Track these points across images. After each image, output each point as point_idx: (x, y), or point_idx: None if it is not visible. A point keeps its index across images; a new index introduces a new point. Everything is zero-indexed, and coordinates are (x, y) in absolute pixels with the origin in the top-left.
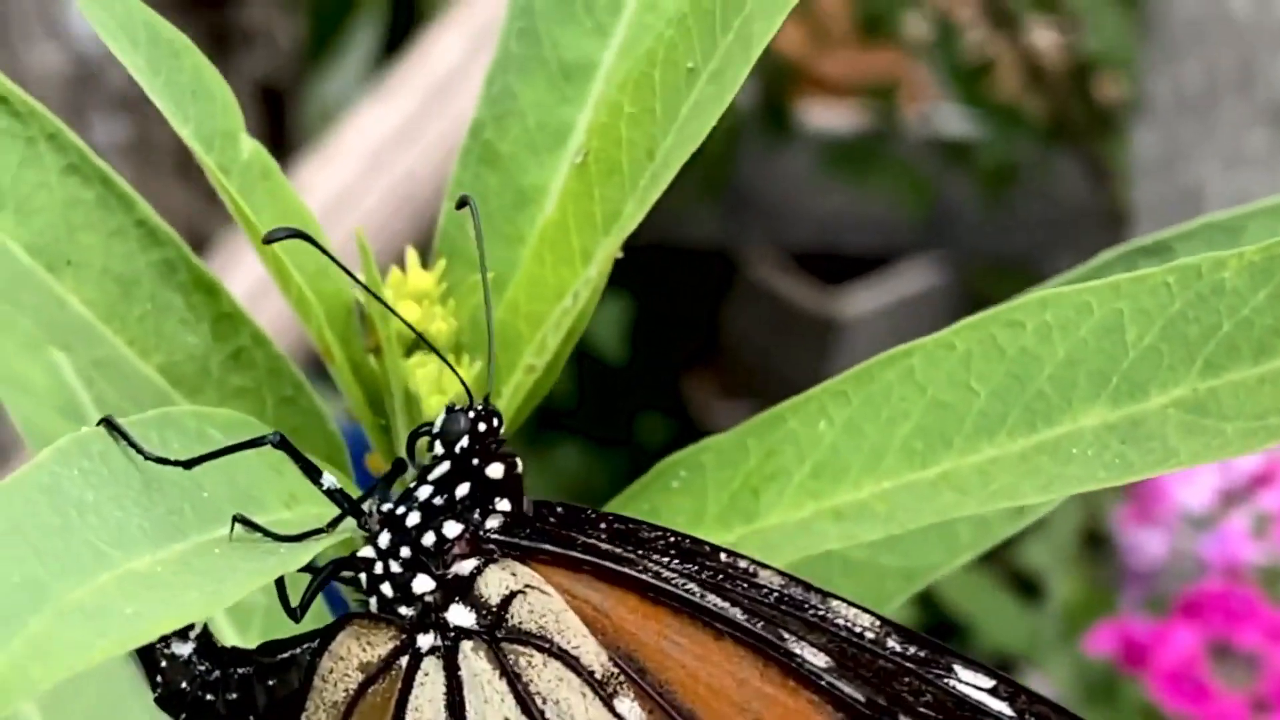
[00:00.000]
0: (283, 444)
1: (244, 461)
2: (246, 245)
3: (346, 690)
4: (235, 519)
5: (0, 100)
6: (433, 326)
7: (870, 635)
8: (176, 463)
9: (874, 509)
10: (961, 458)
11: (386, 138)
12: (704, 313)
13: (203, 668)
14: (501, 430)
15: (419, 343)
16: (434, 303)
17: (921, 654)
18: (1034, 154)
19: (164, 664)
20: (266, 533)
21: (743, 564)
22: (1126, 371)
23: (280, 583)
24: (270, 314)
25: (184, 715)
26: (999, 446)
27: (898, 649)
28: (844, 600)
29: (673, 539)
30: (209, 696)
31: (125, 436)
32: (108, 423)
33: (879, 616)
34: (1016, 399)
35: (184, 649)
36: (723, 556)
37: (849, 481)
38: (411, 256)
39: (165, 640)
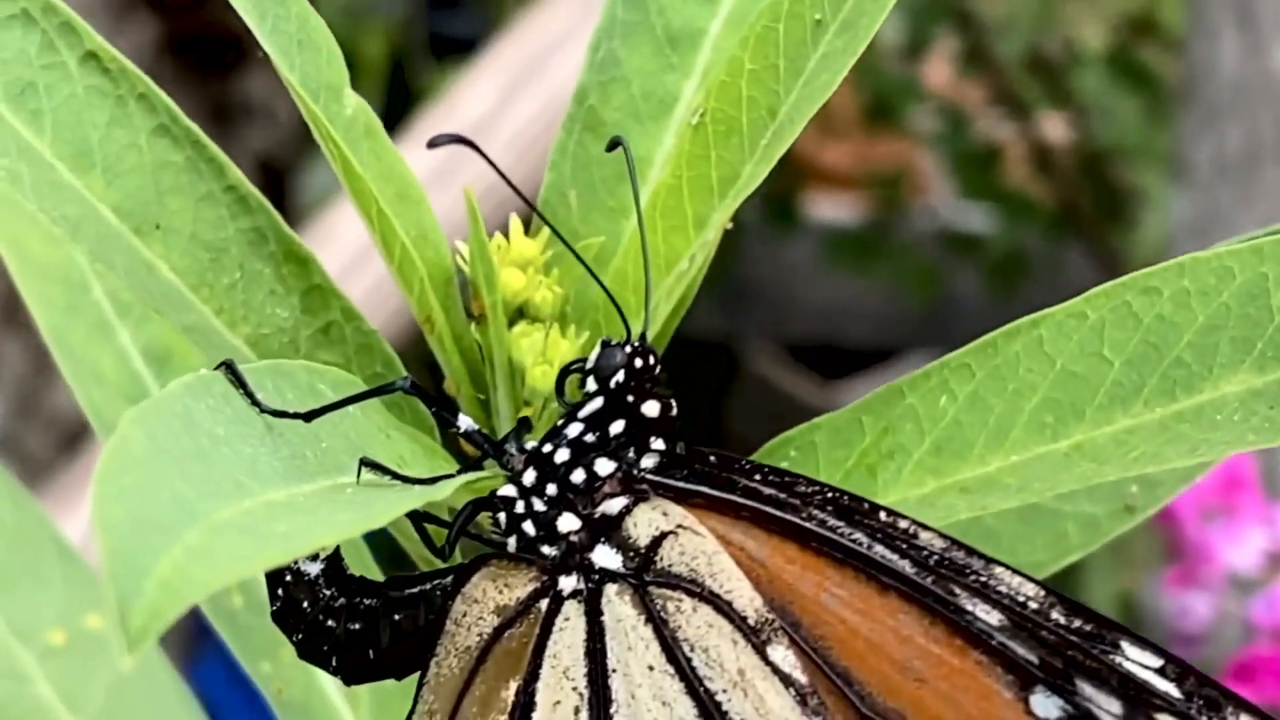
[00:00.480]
0: (414, 389)
1: (354, 423)
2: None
3: (480, 635)
4: (362, 462)
5: (89, 56)
6: (536, 295)
7: (1034, 605)
8: (295, 415)
9: (1003, 482)
10: (1095, 429)
11: None
12: (707, 404)
13: (328, 592)
14: (657, 368)
15: (522, 312)
16: (538, 271)
17: (1087, 628)
18: (1042, 244)
19: (288, 578)
20: (396, 475)
21: (903, 524)
22: (1273, 336)
23: (422, 529)
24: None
25: (298, 636)
26: (1135, 416)
27: (1063, 621)
28: (1007, 567)
29: (830, 494)
30: (330, 622)
31: (243, 383)
32: (227, 366)
33: (1044, 586)
34: (1153, 367)
35: (311, 568)
36: (882, 515)
37: (973, 457)
38: (515, 223)
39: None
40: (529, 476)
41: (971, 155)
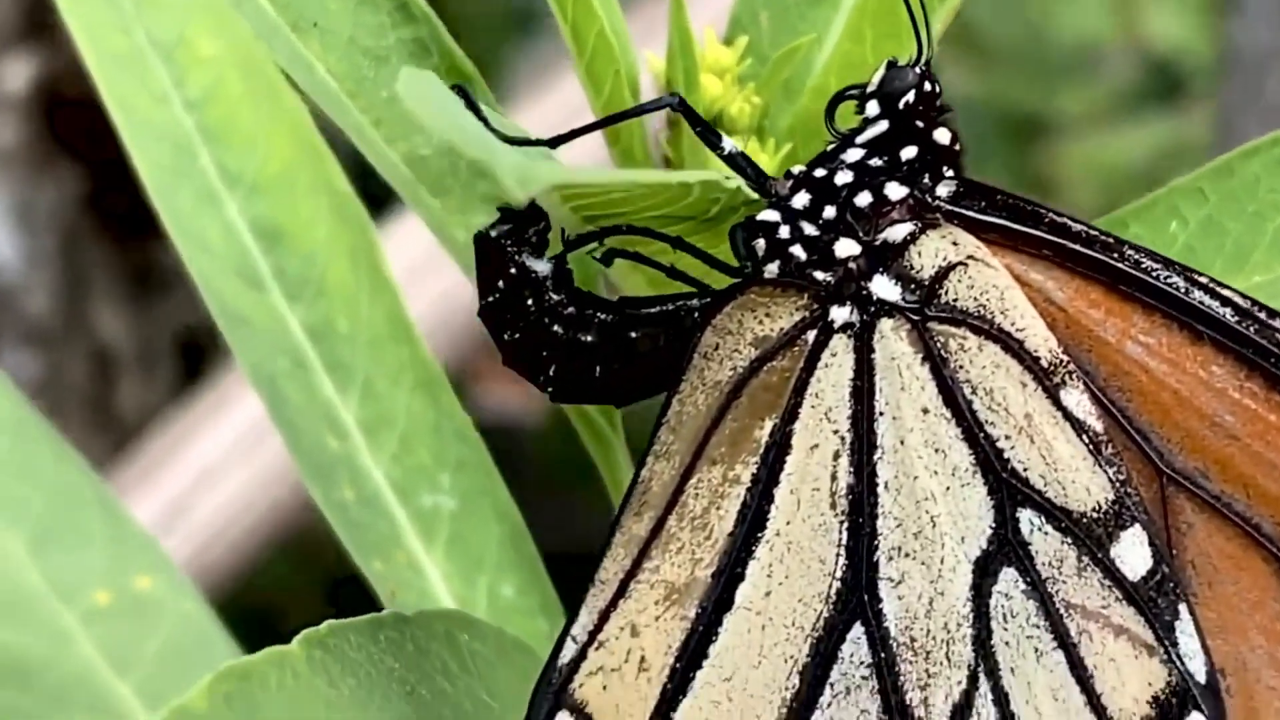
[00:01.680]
0: (682, 106)
1: None
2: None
3: (735, 368)
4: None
5: None
6: (733, 106)
7: None
8: (538, 141)
9: None
10: None
11: None
12: None
13: (556, 296)
14: (941, 96)
15: (717, 125)
16: (734, 81)
17: None
18: None
19: (512, 271)
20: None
21: (1202, 279)
22: None
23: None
24: (432, 295)
25: (513, 336)
26: None
27: None
28: None
29: (1129, 247)
30: (556, 327)
31: (475, 107)
32: (460, 90)
33: None
34: None
35: (539, 266)
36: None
37: None
38: (709, 32)
39: (518, 248)
40: (800, 199)
41: None
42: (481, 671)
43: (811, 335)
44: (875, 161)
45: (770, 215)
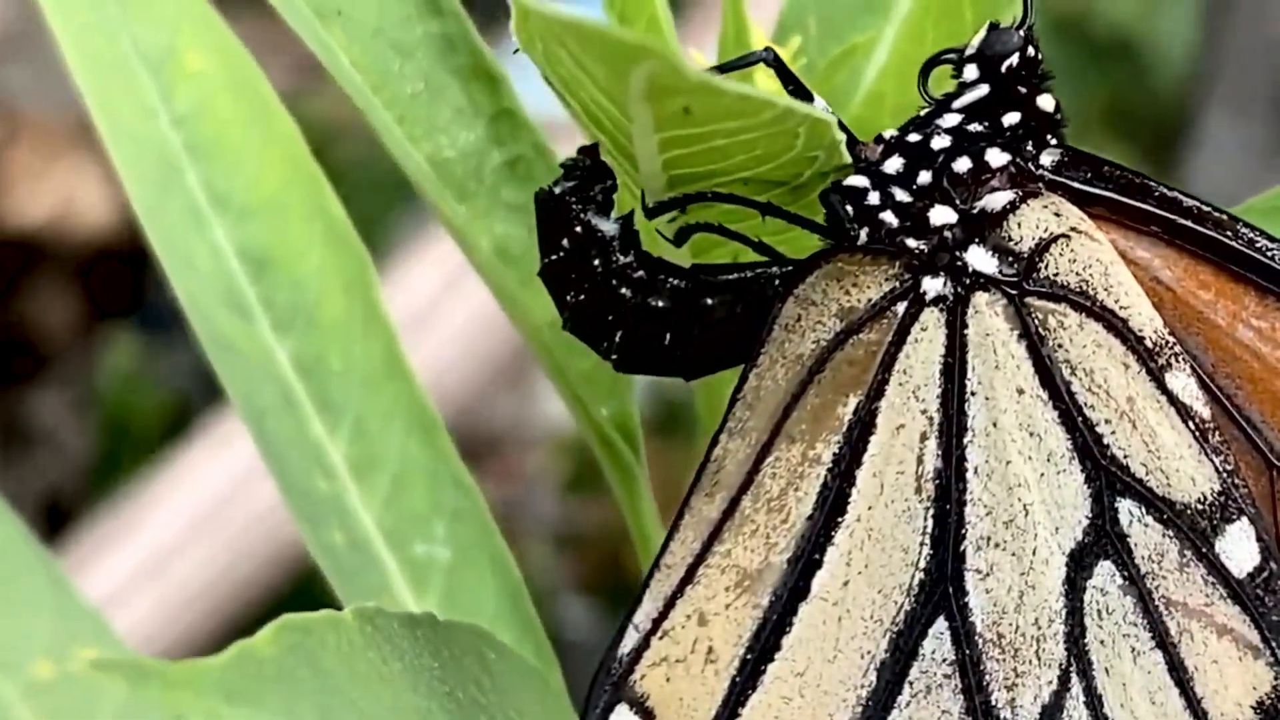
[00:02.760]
0: (776, 61)
1: None
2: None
3: (817, 341)
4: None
5: None
6: None
7: None
8: None
9: None
10: None
11: None
12: None
13: (624, 258)
14: (1043, 63)
15: None
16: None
17: None
18: None
19: (578, 229)
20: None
21: None
22: None
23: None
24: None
25: (578, 298)
26: None
27: None
28: None
29: (1243, 225)
30: (624, 290)
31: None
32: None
33: None
34: None
35: (607, 226)
36: None
37: None
38: (758, 31)
39: (583, 205)
40: (893, 164)
41: None
42: (508, 689)
43: (901, 307)
44: (975, 127)
45: (859, 180)
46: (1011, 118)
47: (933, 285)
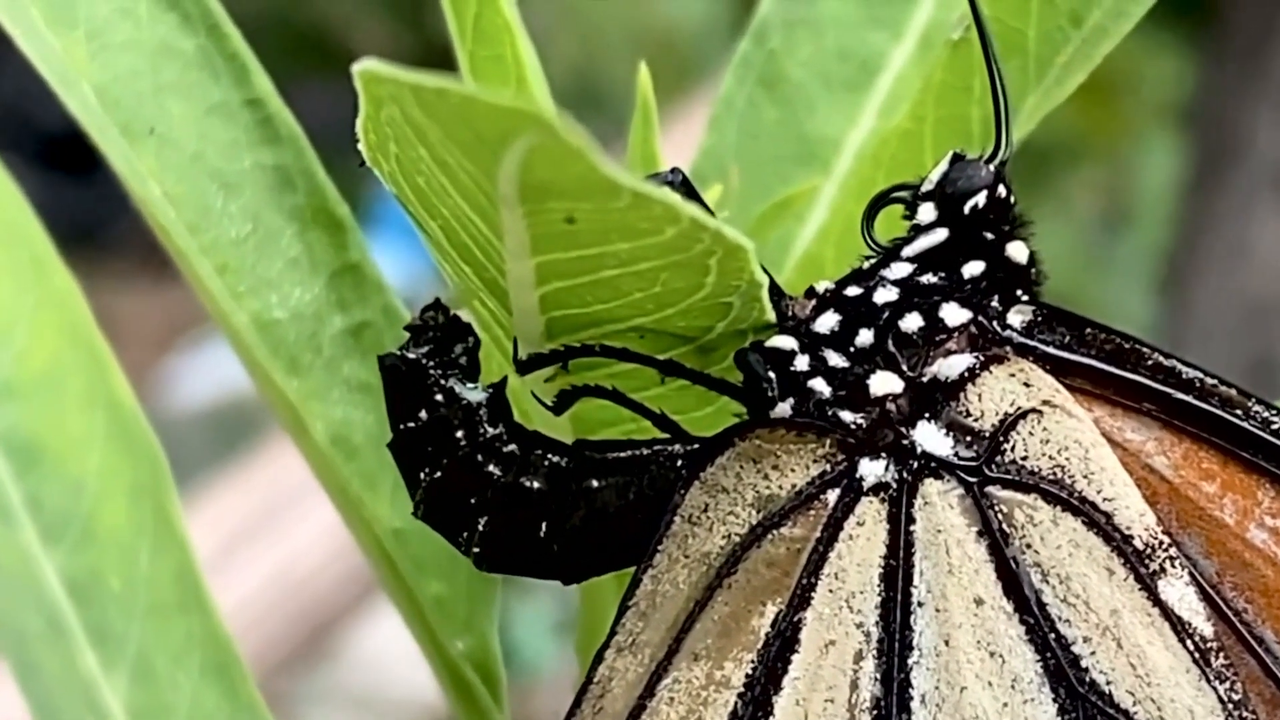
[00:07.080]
0: (685, 184)
1: None
2: None
3: (728, 536)
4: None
5: None
6: None
7: None
8: None
9: None
10: None
11: None
12: None
13: (493, 430)
14: (1017, 207)
15: None
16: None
17: None
18: None
19: (437, 397)
20: None
21: None
22: None
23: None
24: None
25: (434, 475)
26: None
27: None
28: None
29: (1256, 403)
30: (491, 468)
31: None
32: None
33: None
34: None
35: (473, 394)
36: None
37: None
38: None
39: (443, 370)
40: (826, 321)
41: None
42: None
43: (833, 496)
44: (929, 278)
45: (784, 340)
46: (974, 268)
47: (872, 469)
